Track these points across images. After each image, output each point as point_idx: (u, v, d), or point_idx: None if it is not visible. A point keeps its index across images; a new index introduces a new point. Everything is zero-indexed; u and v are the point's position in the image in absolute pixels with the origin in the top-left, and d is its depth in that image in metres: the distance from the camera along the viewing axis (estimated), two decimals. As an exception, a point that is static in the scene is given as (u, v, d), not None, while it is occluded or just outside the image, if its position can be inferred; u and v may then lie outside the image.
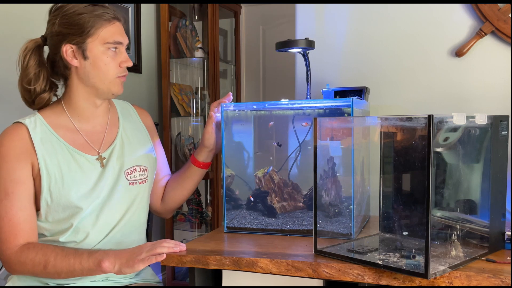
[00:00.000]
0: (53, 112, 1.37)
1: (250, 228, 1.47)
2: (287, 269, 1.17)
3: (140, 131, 1.49)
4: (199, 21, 3.30)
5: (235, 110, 1.50)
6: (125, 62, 1.34)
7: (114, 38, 1.31)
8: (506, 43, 1.67)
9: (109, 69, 1.31)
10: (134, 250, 1.21)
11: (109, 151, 1.38)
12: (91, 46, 1.29)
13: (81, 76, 1.32)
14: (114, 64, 1.32)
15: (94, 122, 1.39)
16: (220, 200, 3.08)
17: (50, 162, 1.29)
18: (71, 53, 1.30)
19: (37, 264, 1.23)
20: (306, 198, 1.49)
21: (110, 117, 1.43)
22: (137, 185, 1.40)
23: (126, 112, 1.49)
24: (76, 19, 1.28)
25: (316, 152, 1.23)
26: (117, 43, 1.32)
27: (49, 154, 1.30)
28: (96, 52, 1.30)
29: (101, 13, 1.29)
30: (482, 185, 1.23)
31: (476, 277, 1.03)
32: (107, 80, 1.32)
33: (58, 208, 1.30)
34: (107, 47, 1.30)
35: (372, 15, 1.84)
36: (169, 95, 3.02)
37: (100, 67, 1.31)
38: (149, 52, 3.12)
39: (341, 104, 1.39)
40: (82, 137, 1.36)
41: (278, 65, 3.88)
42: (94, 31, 1.28)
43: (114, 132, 1.42)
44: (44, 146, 1.30)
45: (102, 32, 1.29)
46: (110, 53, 1.31)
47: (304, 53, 1.60)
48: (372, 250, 1.20)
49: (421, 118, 1.05)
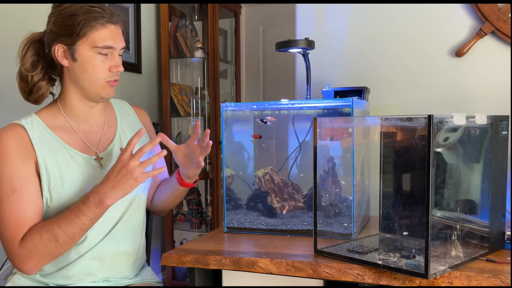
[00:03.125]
0: (49, 113, 1.36)
1: (250, 228, 1.47)
2: (287, 269, 1.17)
3: (137, 130, 1.47)
4: (199, 21, 3.30)
5: (235, 110, 1.50)
6: (116, 67, 1.31)
7: (104, 43, 1.28)
8: (506, 43, 1.67)
9: (97, 73, 1.29)
10: (120, 173, 1.20)
11: (107, 152, 1.37)
12: (80, 48, 1.28)
13: (72, 77, 1.32)
14: (103, 68, 1.30)
15: (90, 122, 1.39)
16: (220, 200, 3.08)
17: (50, 162, 1.29)
18: (62, 53, 1.29)
19: (47, 243, 1.22)
20: (306, 198, 1.49)
21: (107, 117, 1.42)
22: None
23: (124, 111, 1.49)
24: (69, 20, 1.27)
25: (316, 152, 1.23)
26: (108, 47, 1.29)
27: (49, 154, 1.30)
28: (85, 54, 1.28)
29: (95, 16, 1.27)
30: (482, 185, 1.23)
31: (476, 277, 1.03)
32: (96, 84, 1.30)
33: (58, 207, 1.30)
34: (97, 51, 1.28)
35: (372, 15, 1.84)
36: (169, 95, 3.02)
37: (88, 70, 1.29)
38: (149, 52, 3.12)
39: (341, 104, 1.39)
40: (80, 137, 1.36)
41: (278, 65, 3.88)
42: (84, 33, 1.26)
43: (112, 132, 1.41)
44: (43, 146, 1.30)
45: (92, 35, 1.27)
46: (100, 57, 1.29)
47: (304, 53, 1.60)
48: (372, 250, 1.20)
49: (421, 118, 1.05)
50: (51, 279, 1.32)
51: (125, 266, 1.39)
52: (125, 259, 1.38)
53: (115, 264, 1.36)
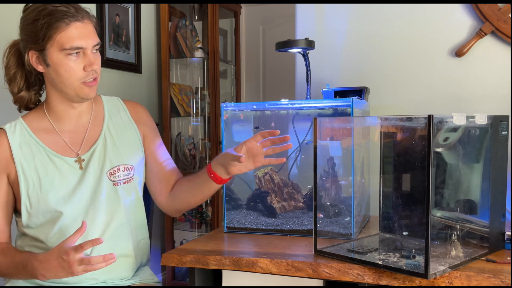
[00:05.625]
0: (35, 116, 1.36)
1: (250, 228, 1.47)
2: (287, 269, 1.17)
3: (127, 128, 1.43)
4: (199, 21, 3.31)
5: (235, 110, 1.50)
6: (89, 65, 1.25)
7: (71, 44, 1.22)
8: (506, 43, 1.67)
9: (71, 75, 1.25)
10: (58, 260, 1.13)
11: (90, 152, 1.35)
12: (50, 53, 1.24)
13: (50, 81, 1.30)
14: (77, 69, 1.25)
15: (75, 122, 1.37)
16: (220, 200, 3.08)
17: (27, 167, 1.29)
18: (36, 59, 1.27)
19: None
20: (306, 198, 1.49)
21: (93, 116, 1.39)
22: (122, 185, 1.36)
23: (115, 109, 1.44)
24: (32, 26, 1.24)
25: (316, 152, 1.23)
26: (76, 48, 1.23)
27: (26, 158, 1.29)
28: (55, 59, 1.24)
29: (57, 16, 1.21)
30: (482, 185, 1.22)
31: (476, 277, 1.03)
32: (72, 86, 1.27)
33: (38, 213, 1.29)
34: (66, 53, 1.23)
35: (372, 15, 1.84)
36: (169, 95, 3.02)
37: (62, 74, 1.25)
38: (149, 52, 3.12)
39: (341, 104, 1.39)
40: (62, 139, 1.34)
41: (278, 65, 3.88)
42: (50, 37, 1.22)
43: (97, 131, 1.38)
44: (22, 150, 1.30)
45: (58, 37, 1.22)
46: (72, 58, 1.24)
47: (304, 53, 1.60)
48: (372, 250, 1.20)
49: (421, 118, 1.05)
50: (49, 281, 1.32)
51: (123, 268, 1.38)
52: (123, 260, 1.37)
53: (113, 267, 1.34)
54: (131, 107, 1.47)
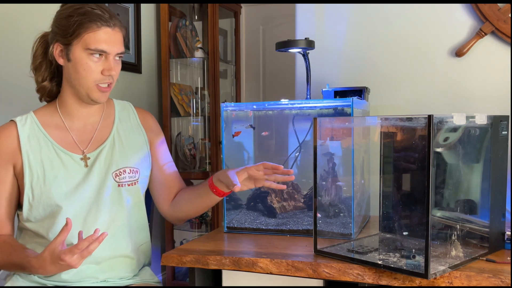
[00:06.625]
0: (46, 112, 1.39)
1: (250, 228, 1.47)
2: (287, 269, 1.17)
3: (136, 133, 1.45)
4: (199, 21, 3.30)
5: (235, 110, 1.50)
6: (108, 70, 1.29)
7: (96, 46, 1.26)
8: (506, 43, 1.67)
9: (88, 75, 1.28)
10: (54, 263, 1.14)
11: (97, 152, 1.37)
12: (74, 48, 1.28)
13: (66, 76, 1.33)
14: (95, 71, 1.28)
15: (85, 121, 1.39)
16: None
17: (34, 159, 1.31)
18: (59, 52, 1.31)
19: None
20: (306, 198, 1.49)
21: (103, 117, 1.42)
22: (126, 187, 1.38)
23: (126, 113, 1.47)
24: (65, 21, 1.28)
25: (316, 152, 1.23)
26: (100, 51, 1.27)
27: (33, 151, 1.32)
28: (77, 56, 1.28)
29: (90, 17, 1.26)
30: (482, 185, 1.23)
31: (476, 277, 1.03)
32: (85, 85, 1.30)
33: (39, 206, 1.31)
34: (89, 53, 1.27)
35: (372, 15, 1.84)
36: (169, 95, 3.02)
37: (79, 71, 1.28)
38: (149, 52, 3.12)
39: (341, 104, 1.39)
40: (71, 135, 1.37)
41: (278, 65, 3.88)
42: (78, 34, 1.26)
43: (106, 133, 1.40)
44: (30, 143, 1.32)
45: (86, 37, 1.26)
46: (94, 59, 1.27)
47: (304, 53, 1.60)
48: (372, 250, 1.20)
49: (421, 118, 1.05)
50: (49, 280, 1.32)
51: (123, 268, 1.38)
52: (123, 261, 1.38)
53: (113, 266, 1.36)
54: (141, 114, 1.51)
